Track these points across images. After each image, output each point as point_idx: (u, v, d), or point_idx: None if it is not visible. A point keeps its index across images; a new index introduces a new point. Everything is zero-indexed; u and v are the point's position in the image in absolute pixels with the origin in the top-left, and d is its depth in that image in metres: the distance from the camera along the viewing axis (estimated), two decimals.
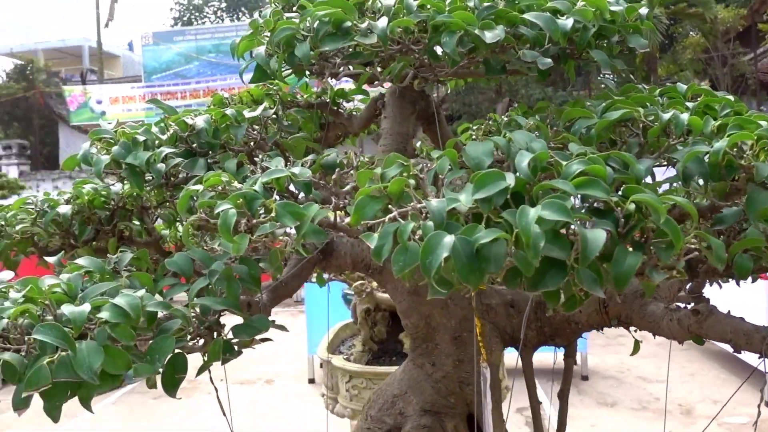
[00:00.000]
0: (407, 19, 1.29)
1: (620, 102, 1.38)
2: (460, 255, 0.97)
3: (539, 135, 1.32)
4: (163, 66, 23.42)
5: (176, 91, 22.92)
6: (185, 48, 23.35)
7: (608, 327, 1.93)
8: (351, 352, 5.15)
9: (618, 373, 7.36)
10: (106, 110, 22.77)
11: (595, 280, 0.98)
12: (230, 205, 1.14)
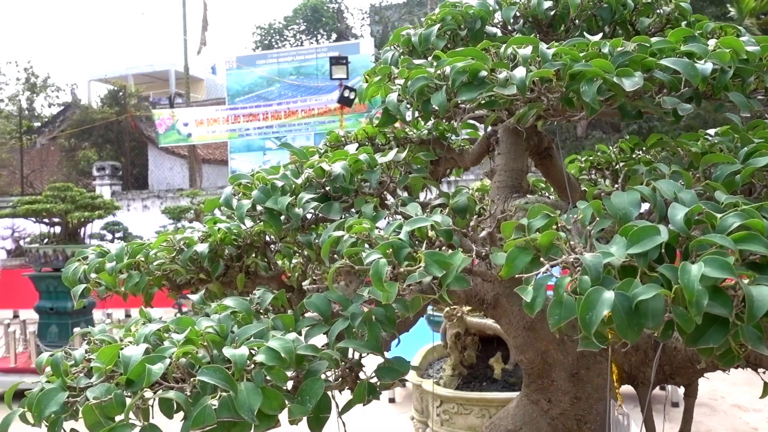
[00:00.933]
0: (546, 69, 1.32)
1: (763, 146, 1.36)
2: (619, 311, 0.98)
3: (683, 183, 1.31)
4: (245, 89, 24.15)
5: (258, 112, 23.55)
6: (267, 71, 24.02)
7: (734, 368, 1.88)
8: (440, 375, 5.14)
9: (711, 400, 7.04)
10: (192, 132, 23.63)
11: (759, 338, 0.97)
12: (380, 255, 1.19)
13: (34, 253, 11.00)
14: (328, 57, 22.23)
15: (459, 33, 1.82)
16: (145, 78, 37.70)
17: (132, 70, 37.43)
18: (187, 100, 26.42)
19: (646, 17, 1.83)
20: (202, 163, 25.80)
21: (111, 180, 22.02)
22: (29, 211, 11.23)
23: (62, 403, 1.27)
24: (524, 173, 2.10)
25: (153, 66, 38.24)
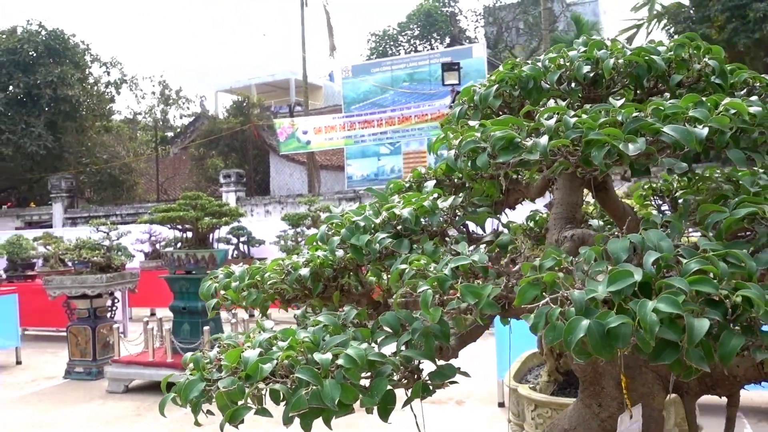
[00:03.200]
0: (563, 139, 1.66)
1: (747, 200, 1.64)
2: (594, 334, 1.32)
3: (672, 231, 1.61)
4: (360, 96, 25.00)
5: (373, 119, 24.34)
6: (381, 79, 24.75)
7: (765, 381, 2.11)
8: (537, 381, 5.40)
9: None
10: (311, 139, 24.76)
11: (702, 358, 1.29)
12: (428, 287, 1.58)
13: (169, 257, 12.11)
14: (440, 63, 22.67)
15: (513, 93, 2.18)
16: (267, 87, 39.68)
17: (255, 80, 39.54)
18: (305, 108, 27.67)
19: (678, 74, 2.10)
20: (320, 169, 26.92)
21: (236, 187, 23.44)
22: (165, 218, 12.38)
23: (201, 390, 1.75)
24: (579, 206, 2.40)
25: (274, 75, 40.19)
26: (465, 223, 2.18)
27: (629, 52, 2.09)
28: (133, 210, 23.51)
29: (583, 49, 2.18)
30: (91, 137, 26.57)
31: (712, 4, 20.67)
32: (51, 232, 17.52)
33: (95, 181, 26.82)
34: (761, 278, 1.51)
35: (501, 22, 41.30)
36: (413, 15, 41.38)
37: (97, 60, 27.89)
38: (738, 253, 1.42)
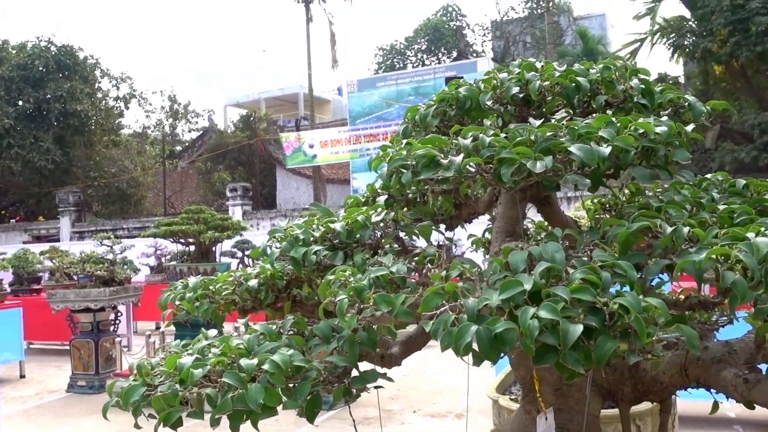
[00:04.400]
0: (475, 157, 1.77)
1: (644, 214, 1.74)
2: (483, 339, 1.43)
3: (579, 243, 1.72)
4: (366, 110, 25.21)
5: (378, 133, 24.52)
6: (386, 93, 24.95)
7: (688, 388, 2.19)
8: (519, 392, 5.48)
9: None
10: (317, 153, 24.97)
11: (578, 361, 1.39)
12: (345, 296, 1.69)
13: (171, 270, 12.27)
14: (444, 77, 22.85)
15: (450, 113, 2.30)
16: (276, 101, 40.01)
17: (264, 95, 39.90)
18: (311, 122, 27.90)
19: (602, 95, 2.21)
20: (326, 182, 27.11)
21: (242, 200, 23.64)
22: (168, 231, 12.55)
23: (142, 394, 1.87)
24: (520, 220, 2.51)
25: (284, 90, 40.53)
26: (399, 238, 2.29)
27: (557, 74, 2.20)
28: (140, 224, 23.74)
29: (516, 71, 2.30)
30: (99, 151, 26.92)
31: (714, 18, 20.75)
32: (58, 246, 17.74)
33: (103, 195, 27.13)
34: (651, 288, 1.62)
35: (508, 36, 41.53)
36: (421, 29, 41.70)
37: (106, 75, 28.31)
38: (621, 264, 1.52)
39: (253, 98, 38.74)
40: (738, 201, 1.93)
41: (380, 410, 8.37)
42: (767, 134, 19.24)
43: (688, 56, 23.05)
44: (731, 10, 19.85)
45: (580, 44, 35.26)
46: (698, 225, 1.67)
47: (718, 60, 21.71)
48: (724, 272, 1.43)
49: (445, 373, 9.27)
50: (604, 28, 43.31)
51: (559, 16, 40.46)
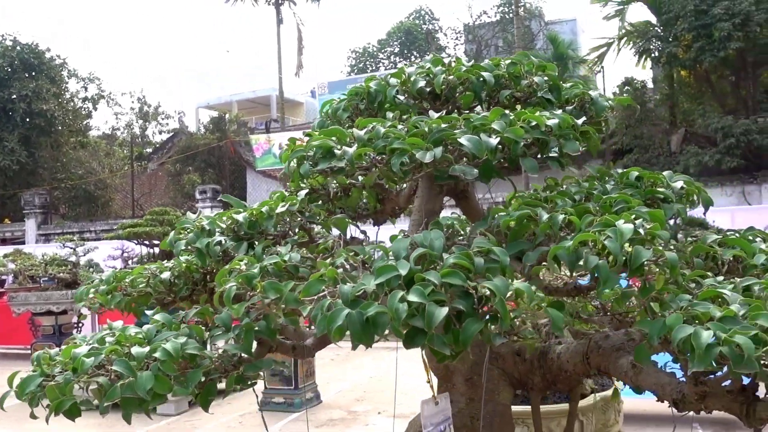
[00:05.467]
0: (366, 148, 1.81)
1: (527, 203, 1.78)
2: (355, 323, 1.46)
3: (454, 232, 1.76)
4: None
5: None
6: None
7: (591, 376, 2.24)
8: None
9: None
10: None
11: (444, 343, 1.43)
12: (234, 283, 1.71)
13: None
14: None
15: (360, 106, 2.33)
16: (249, 104, 39.79)
17: (236, 97, 39.66)
18: (282, 124, 27.81)
19: (507, 89, 2.26)
20: None
21: (212, 202, 23.45)
22: (131, 233, 12.45)
23: (38, 384, 1.87)
24: (436, 213, 2.54)
25: (256, 92, 40.33)
26: (305, 227, 2.32)
27: (464, 69, 2.24)
28: (107, 226, 23.47)
29: (428, 66, 2.34)
30: (66, 153, 26.57)
31: (679, 24, 21.08)
32: (22, 249, 17.46)
33: (70, 197, 26.78)
34: (536, 275, 1.66)
35: (480, 39, 41.77)
36: (393, 32, 41.79)
37: (74, 75, 27.96)
38: (495, 250, 1.56)
39: (225, 100, 38.49)
40: (629, 192, 1.98)
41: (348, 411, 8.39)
42: (730, 138, 19.59)
43: (654, 61, 23.41)
44: (695, 16, 20.18)
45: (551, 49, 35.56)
46: (582, 213, 1.71)
47: (682, 65, 22.07)
48: (588, 256, 1.47)
49: (413, 375, 9.31)
50: (575, 33, 43.72)
51: (531, 20, 40.78)
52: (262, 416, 2.14)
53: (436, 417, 2.16)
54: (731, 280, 1.70)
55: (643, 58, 23.11)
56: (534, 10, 40.19)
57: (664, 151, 22.71)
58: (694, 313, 1.47)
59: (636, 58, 23.24)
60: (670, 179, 2.08)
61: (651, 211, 1.64)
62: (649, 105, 24.08)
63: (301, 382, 8.36)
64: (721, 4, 19.60)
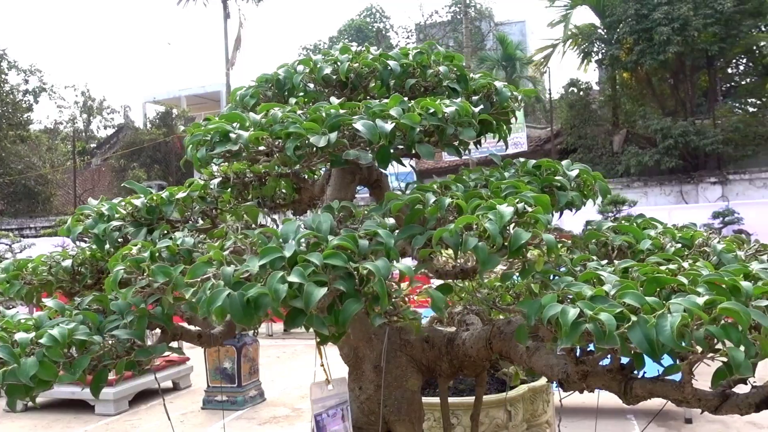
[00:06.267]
0: (259, 131, 1.80)
1: (420, 187, 1.81)
2: (236, 304, 1.45)
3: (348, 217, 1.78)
4: None
5: None
6: None
7: (493, 360, 2.29)
8: None
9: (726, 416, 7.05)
10: None
11: (322, 323, 1.43)
12: (122, 267, 1.69)
13: None
14: None
15: (267, 93, 2.32)
16: (198, 99, 39.14)
17: (185, 92, 38.97)
18: None
19: (413, 78, 2.28)
20: None
21: None
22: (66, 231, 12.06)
23: None
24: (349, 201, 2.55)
25: (205, 87, 39.70)
26: (208, 214, 2.30)
27: (371, 57, 2.26)
28: (48, 223, 22.84)
29: (336, 54, 2.34)
30: (4, 147, 25.73)
31: (621, 27, 21.58)
32: None
33: (8, 193, 25.95)
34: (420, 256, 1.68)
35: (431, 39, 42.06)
36: (345, 29, 41.68)
37: (14, 67, 27.09)
38: (381, 233, 1.57)
39: (174, 95, 37.80)
40: (527, 179, 2.02)
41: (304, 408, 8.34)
42: (669, 139, 20.16)
43: (598, 63, 23.93)
44: (636, 20, 20.69)
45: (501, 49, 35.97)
46: (471, 198, 1.74)
47: (624, 67, 22.62)
48: (467, 238, 1.50)
49: None
50: (524, 35, 44.33)
51: (481, 21, 41.19)
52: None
53: (329, 400, 2.17)
54: (612, 263, 1.75)
55: (586, 60, 23.60)
56: (484, 11, 40.62)
57: (607, 151, 23.24)
58: (569, 293, 1.52)
59: (580, 60, 23.73)
60: (567, 168, 2.13)
61: (536, 196, 1.68)
62: (593, 106, 24.62)
63: (245, 380, 8.30)
64: (661, 8, 20.14)
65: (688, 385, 1.55)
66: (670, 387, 1.61)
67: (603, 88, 25.47)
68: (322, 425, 2.01)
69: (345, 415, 2.18)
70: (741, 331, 1.33)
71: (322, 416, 2.04)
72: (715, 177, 20.52)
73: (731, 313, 1.35)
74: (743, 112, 23.09)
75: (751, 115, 22.49)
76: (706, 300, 1.39)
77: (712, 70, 23.17)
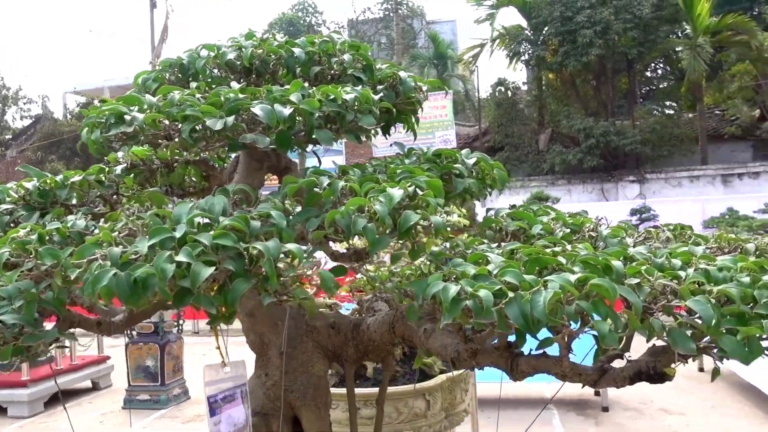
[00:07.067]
0: (155, 114, 1.79)
1: (317, 171, 1.84)
2: (123, 284, 1.45)
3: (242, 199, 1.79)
4: None
5: None
6: None
7: (396, 344, 2.34)
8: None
9: (640, 404, 7.32)
10: None
11: (210, 302, 1.44)
12: (8, 249, 1.65)
13: None
14: None
15: (171, 77, 2.30)
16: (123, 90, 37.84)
17: (109, 83, 37.75)
18: None
19: (319, 65, 2.31)
20: None
21: None
22: None
23: None
24: (254, 189, 2.56)
25: (129, 78, 38.52)
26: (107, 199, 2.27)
27: (276, 44, 2.27)
28: None
29: (243, 41, 2.34)
30: None
31: (546, 29, 22.17)
32: None
33: None
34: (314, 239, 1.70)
35: (363, 35, 42.08)
36: (276, 23, 41.25)
37: None
38: (273, 214, 1.60)
39: (97, 86, 36.55)
40: (427, 166, 2.08)
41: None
42: (591, 138, 20.84)
43: (524, 63, 24.52)
44: (561, 22, 21.29)
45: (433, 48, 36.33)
46: (366, 182, 1.77)
47: (550, 68, 23.25)
48: (356, 219, 1.54)
49: None
50: (455, 34, 44.91)
51: (413, 19, 41.47)
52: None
53: (224, 383, 2.17)
54: (500, 245, 1.82)
55: (514, 60, 24.13)
56: (416, 9, 40.92)
57: (533, 149, 23.84)
58: (455, 272, 1.57)
59: (508, 60, 24.24)
60: (466, 157, 2.20)
61: (429, 180, 1.73)
62: (520, 105, 25.21)
63: (168, 378, 8.14)
64: (584, 12, 20.77)
65: (566, 360, 1.63)
66: (551, 362, 1.69)
67: (530, 88, 26.11)
68: (216, 408, 2.01)
69: (243, 399, 2.19)
70: (609, 306, 1.42)
71: (216, 398, 2.04)
72: (634, 176, 21.36)
73: (600, 289, 1.43)
74: (660, 114, 24.09)
75: (667, 117, 23.49)
76: (579, 277, 1.47)
77: (632, 73, 24.08)
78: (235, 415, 2.07)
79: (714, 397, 7.36)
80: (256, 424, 2.42)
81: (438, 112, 20.54)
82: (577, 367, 1.69)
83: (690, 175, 20.73)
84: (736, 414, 6.80)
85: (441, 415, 4.80)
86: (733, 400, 7.22)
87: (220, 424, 1.98)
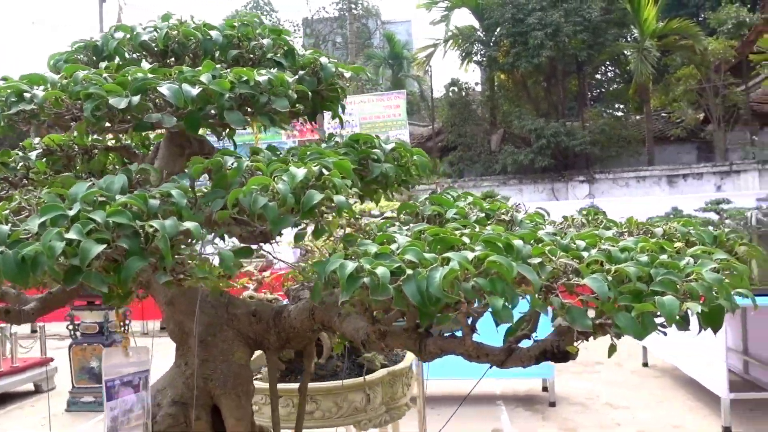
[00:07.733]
0: (56, 91, 1.74)
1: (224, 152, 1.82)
2: (10, 262, 1.40)
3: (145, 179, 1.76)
4: None
5: None
6: None
7: (316, 331, 2.33)
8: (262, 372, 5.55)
9: (587, 399, 7.45)
10: None
11: (101, 280, 1.41)
12: None
13: None
14: None
15: (83, 59, 2.25)
16: None
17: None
18: None
19: (237, 49, 2.28)
20: None
21: None
22: None
23: None
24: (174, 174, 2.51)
25: None
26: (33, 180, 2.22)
27: (192, 27, 2.23)
28: None
29: (161, 23, 2.30)
30: None
31: (499, 30, 22.41)
32: None
33: None
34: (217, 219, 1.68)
35: (318, 34, 41.92)
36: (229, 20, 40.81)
37: None
38: (173, 193, 1.57)
39: None
40: (343, 151, 2.07)
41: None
42: (542, 139, 21.12)
43: (477, 64, 24.75)
44: (512, 23, 21.54)
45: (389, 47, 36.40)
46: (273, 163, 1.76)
47: (502, 69, 23.51)
48: (257, 197, 1.52)
49: None
50: (410, 34, 45.11)
51: (368, 19, 41.50)
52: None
53: (125, 368, 2.13)
54: (409, 227, 1.82)
55: (467, 60, 24.33)
56: (371, 9, 40.96)
57: (486, 149, 24.07)
58: (358, 252, 1.57)
59: (461, 60, 24.43)
60: (384, 143, 2.20)
61: (337, 161, 1.72)
62: (473, 106, 25.43)
63: None
64: (535, 14, 21.06)
65: (468, 338, 1.64)
66: (456, 343, 1.69)
67: (483, 89, 26.35)
68: (113, 392, 1.97)
69: (142, 384, 2.15)
70: (506, 283, 1.43)
71: (114, 383, 1.99)
72: (584, 176, 21.74)
73: (498, 266, 1.44)
74: (609, 116, 24.58)
75: (616, 119, 23.97)
76: (478, 255, 1.47)
77: (582, 75, 24.52)
78: (131, 401, 2.02)
79: (659, 392, 7.54)
80: (174, 413, 2.38)
81: (392, 111, 20.55)
82: (483, 348, 1.70)
83: (637, 175, 21.19)
84: (681, 408, 6.95)
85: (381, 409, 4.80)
86: (678, 395, 7.39)
87: (116, 409, 1.94)
